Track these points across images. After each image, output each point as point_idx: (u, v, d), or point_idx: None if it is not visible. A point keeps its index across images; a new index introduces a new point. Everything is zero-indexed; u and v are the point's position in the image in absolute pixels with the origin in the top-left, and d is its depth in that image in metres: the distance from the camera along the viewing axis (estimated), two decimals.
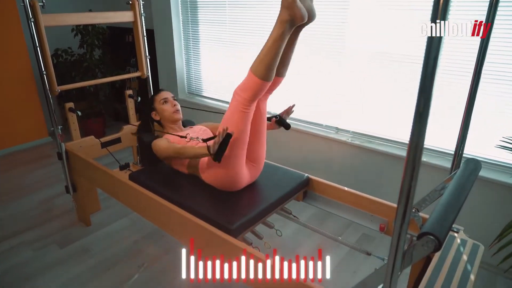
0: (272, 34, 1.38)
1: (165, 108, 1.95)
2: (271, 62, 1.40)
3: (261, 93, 1.47)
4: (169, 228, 1.73)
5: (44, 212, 2.67)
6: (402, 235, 0.86)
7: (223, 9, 3.09)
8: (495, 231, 1.74)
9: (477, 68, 1.27)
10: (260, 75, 1.41)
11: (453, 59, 2.01)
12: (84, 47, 3.89)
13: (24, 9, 1.90)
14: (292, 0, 1.32)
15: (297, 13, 1.34)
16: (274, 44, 1.37)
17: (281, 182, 1.81)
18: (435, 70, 0.70)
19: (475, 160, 1.37)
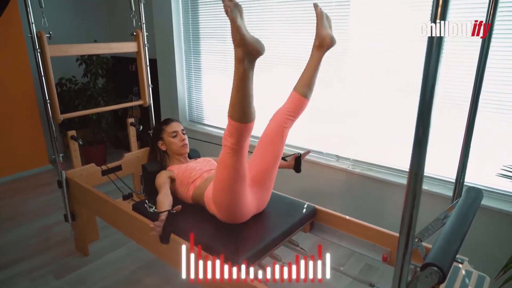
0: (235, 75, 1.32)
1: (173, 141, 1.96)
2: (243, 103, 1.32)
3: (246, 135, 1.39)
4: (173, 260, 1.66)
5: (42, 241, 2.63)
6: (405, 266, 0.85)
7: (224, 40, 3.18)
8: (500, 261, 1.71)
9: (474, 98, 1.28)
10: (237, 119, 1.33)
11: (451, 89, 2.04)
12: (88, 76, 3.96)
13: (32, 40, 1.95)
14: (240, 37, 1.26)
15: (250, 48, 1.28)
16: (240, 84, 1.31)
17: (287, 213, 1.77)
18: (433, 99, 0.71)
19: (476, 189, 1.37)
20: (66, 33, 4.12)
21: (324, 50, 1.61)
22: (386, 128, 2.36)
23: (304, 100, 1.64)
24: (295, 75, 1.70)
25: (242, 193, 1.55)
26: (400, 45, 2.18)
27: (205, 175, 1.82)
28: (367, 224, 1.66)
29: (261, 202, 1.72)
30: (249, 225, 1.66)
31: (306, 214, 1.78)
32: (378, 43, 2.26)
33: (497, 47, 1.81)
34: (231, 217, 1.62)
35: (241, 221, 1.65)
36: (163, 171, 1.89)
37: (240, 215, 1.62)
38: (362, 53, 2.34)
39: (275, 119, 1.67)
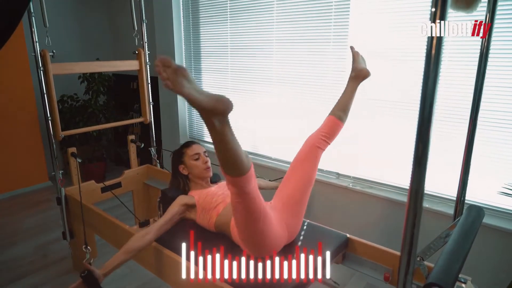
0: (212, 137, 1.17)
1: (197, 164, 1.85)
2: (233, 159, 1.19)
3: (250, 180, 1.27)
4: (172, 279, 1.60)
5: (40, 259, 2.60)
6: (407, 285, 0.83)
7: (225, 58, 3.22)
8: (504, 280, 1.68)
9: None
10: (233, 174, 1.22)
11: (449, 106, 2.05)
12: (89, 93, 4.00)
13: (35, 59, 1.98)
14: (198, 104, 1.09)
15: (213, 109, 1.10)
16: (221, 144, 1.17)
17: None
18: (432, 115, 0.72)
19: (478, 207, 1.36)
20: (69, 51, 4.19)
21: (360, 80, 1.79)
22: (386, 146, 2.36)
23: (340, 124, 1.74)
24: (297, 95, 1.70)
25: (267, 230, 1.41)
26: (400, 62, 2.20)
27: (228, 200, 1.67)
28: (368, 243, 1.64)
29: (293, 229, 1.59)
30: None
31: (340, 244, 1.65)
32: (377, 60, 2.29)
33: (496, 64, 1.83)
34: (260, 253, 1.45)
35: (271, 254, 1.46)
36: (182, 196, 1.77)
37: (269, 249, 1.46)
38: None
39: (309, 142, 1.68)
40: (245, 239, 1.46)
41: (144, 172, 2.70)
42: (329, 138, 1.69)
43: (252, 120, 3.07)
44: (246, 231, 1.42)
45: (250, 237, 1.42)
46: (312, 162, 1.61)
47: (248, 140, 3.16)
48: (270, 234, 1.42)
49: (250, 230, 1.39)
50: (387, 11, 2.18)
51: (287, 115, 2.81)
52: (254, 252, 1.45)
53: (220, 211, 1.66)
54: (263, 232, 1.40)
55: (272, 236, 1.44)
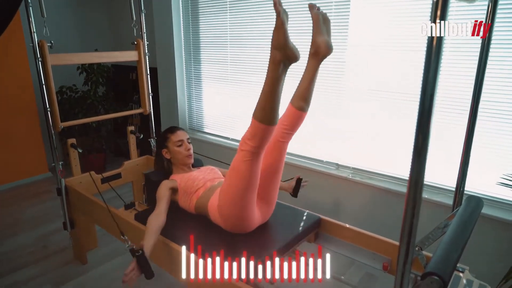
0: (267, 78, 1.32)
1: (179, 150, 1.93)
2: (272, 106, 1.34)
3: (268, 138, 1.40)
4: (172, 268, 1.64)
5: (41, 249, 2.62)
6: (405, 275, 0.84)
7: (225, 49, 3.20)
8: (501, 270, 1.70)
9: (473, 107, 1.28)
10: (263, 120, 1.35)
11: (449, 97, 2.05)
12: (88, 84, 3.98)
13: (33, 49, 1.97)
14: (283, 40, 1.25)
15: (290, 53, 1.28)
16: (271, 87, 1.31)
17: (292, 223, 1.75)
18: (432, 106, 0.71)
19: (477, 198, 1.36)
20: (68, 42, 4.16)
21: (320, 59, 1.53)
22: (386, 137, 2.36)
23: (301, 114, 1.58)
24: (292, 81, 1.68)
25: (251, 201, 1.53)
26: (401, 51, 2.19)
27: (208, 184, 1.79)
28: (367, 233, 1.65)
29: (265, 215, 1.70)
30: (253, 235, 1.63)
31: (311, 224, 1.75)
32: (377, 49, 2.28)
33: (497, 54, 1.82)
34: (237, 226, 1.60)
35: (247, 231, 1.63)
36: (165, 181, 1.85)
37: (246, 224, 1.60)
38: (361, 60, 2.36)
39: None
40: (227, 210, 1.56)
41: (144, 163, 2.70)
42: (292, 130, 1.60)
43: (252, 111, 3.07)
44: (232, 200, 1.51)
45: (233, 207, 1.53)
46: (278, 153, 1.58)
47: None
48: (250, 208, 1.54)
49: (236, 198, 1.50)
50: (389, 1, 2.17)
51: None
52: (232, 225, 1.60)
53: (200, 194, 1.76)
54: (247, 203, 1.51)
55: (251, 210, 1.56)
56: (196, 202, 1.77)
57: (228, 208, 1.55)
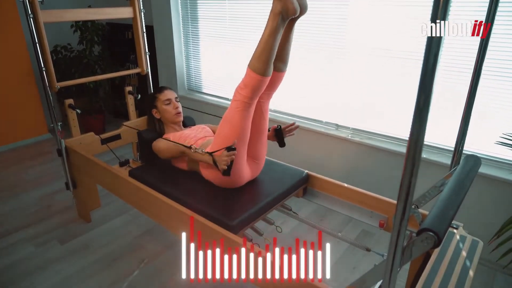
0: (266, 28, 1.38)
1: (167, 109, 1.95)
2: (268, 56, 1.40)
3: (261, 89, 1.47)
4: (169, 224, 1.73)
5: (44, 209, 2.68)
6: (401, 231, 0.87)
7: (223, 5, 3.08)
8: (494, 227, 1.75)
9: (477, 67, 1.26)
10: (258, 70, 1.41)
11: (453, 56, 2.00)
12: (83, 44, 3.88)
13: (23, 6, 1.89)
14: None
15: (290, 6, 1.34)
16: (269, 38, 1.37)
17: (281, 179, 1.81)
18: (435, 67, 0.70)
19: (475, 157, 1.37)
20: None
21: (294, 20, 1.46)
22: (386, 97, 2.34)
23: (280, 74, 1.56)
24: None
25: (241, 155, 1.58)
26: (403, 10, 2.12)
27: (199, 142, 1.82)
28: (365, 192, 1.68)
29: (254, 171, 1.76)
30: (243, 190, 1.70)
31: (299, 180, 1.81)
32: (380, 7, 2.20)
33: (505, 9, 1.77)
34: (227, 180, 1.65)
35: (237, 185, 1.69)
36: (159, 140, 1.89)
37: (236, 178, 1.65)
38: (363, 19, 2.28)
39: None
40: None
41: (143, 124, 2.69)
42: (271, 90, 1.60)
43: None
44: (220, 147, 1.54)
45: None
46: (259, 113, 1.61)
47: None
48: (240, 160, 1.59)
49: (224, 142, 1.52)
50: None
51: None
52: (221, 180, 1.65)
53: None
54: (236, 156, 1.53)
55: (241, 163, 1.61)
56: (188, 158, 1.80)
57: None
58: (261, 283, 1.25)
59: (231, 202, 1.62)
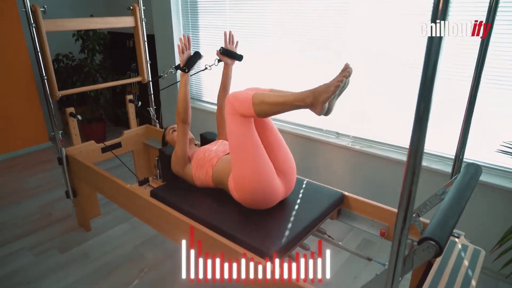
0: (289, 98, 1.35)
1: (174, 136, 2.01)
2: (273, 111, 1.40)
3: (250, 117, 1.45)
4: (173, 235, 1.66)
5: (45, 217, 2.67)
6: (402, 240, 0.86)
7: (224, 14, 3.11)
8: (496, 236, 1.74)
9: (477, 70, 1.26)
10: (257, 112, 1.40)
11: (453, 63, 2.01)
12: (85, 52, 3.91)
13: (26, 15, 1.91)
14: (324, 98, 1.29)
15: (318, 109, 1.31)
16: (285, 106, 1.36)
17: (316, 200, 1.67)
18: (435, 75, 0.70)
19: (476, 165, 1.37)
20: (61, 7, 4.04)
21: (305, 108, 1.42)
22: (386, 105, 2.35)
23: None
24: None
25: (262, 165, 1.48)
26: (403, 17, 2.13)
27: (221, 154, 1.73)
28: (365, 200, 1.68)
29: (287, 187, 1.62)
30: (276, 212, 1.56)
31: (335, 201, 1.68)
32: (379, 15, 2.22)
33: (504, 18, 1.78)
34: (258, 198, 1.52)
35: (269, 204, 1.57)
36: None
37: (268, 192, 1.52)
38: (362, 27, 2.30)
39: None
40: (241, 178, 1.51)
41: (144, 132, 2.70)
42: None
43: (250, 78, 3.03)
44: (242, 165, 1.49)
45: (245, 172, 1.49)
46: (266, 128, 1.59)
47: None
48: (264, 172, 1.49)
49: (245, 162, 1.48)
50: None
51: (287, 71, 2.77)
52: (250, 197, 1.52)
53: (214, 163, 1.70)
54: (259, 166, 1.47)
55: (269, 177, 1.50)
56: (212, 173, 1.69)
57: (241, 176, 1.51)
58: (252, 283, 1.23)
59: (265, 226, 1.47)
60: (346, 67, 1.30)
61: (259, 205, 1.56)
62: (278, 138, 1.61)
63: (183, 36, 1.80)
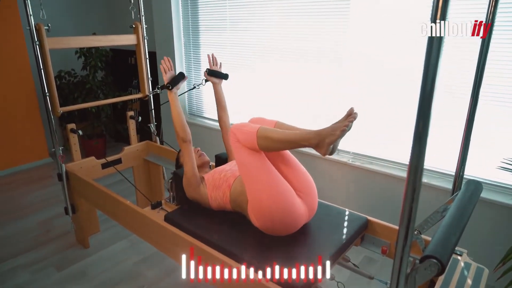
0: (295, 137, 1.38)
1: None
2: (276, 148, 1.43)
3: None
4: (173, 253, 1.62)
5: (43, 234, 2.64)
6: (404, 258, 0.85)
7: (224, 32, 3.15)
8: (499, 253, 1.71)
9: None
10: (261, 147, 1.41)
11: (451, 81, 2.03)
12: (87, 69, 3.95)
13: (30, 33, 1.94)
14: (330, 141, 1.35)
15: (323, 151, 1.35)
16: (290, 144, 1.40)
17: (339, 225, 1.59)
18: (433, 92, 0.71)
19: (476, 182, 1.37)
20: (65, 25, 4.10)
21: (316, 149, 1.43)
22: (386, 122, 2.36)
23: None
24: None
25: (277, 187, 1.43)
26: (402, 35, 2.16)
27: (237, 174, 1.65)
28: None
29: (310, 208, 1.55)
30: (299, 239, 1.47)
31: (360, 227, 1.59)
32: (378, 32, 2.25)
33: (499, 39, 1.80)
34: (275, 222, 1.45)
35: (290, 229, 1.49)
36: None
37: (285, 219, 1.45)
38: (362, 47, 2.33)
39: None
40: (257, 203, 1.45)
41: (144, 148, 2.70)
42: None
43: (251, 96, 3.05)
44: (257, 190, 1.44)
45: (261, 196, 1.43)
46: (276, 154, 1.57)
47: (247, 115, 3.15)
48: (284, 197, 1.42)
49: (259, 186, 1.43)
50: None
51: (287, 90, 2.79)
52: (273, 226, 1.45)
53: (231, 183, 1.62)
54: (274, 188, 1.42)
55: (289, 199, 1.44)
56: (230, 194, 1.61)
57: (257, 200, 1.45)
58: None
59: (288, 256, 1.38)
60: (351, 112, 1.35)
61: (281, 230, 1.48)
62: (292, 158, 1.58)
63: (165, 58, 1.91)
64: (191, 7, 3.36)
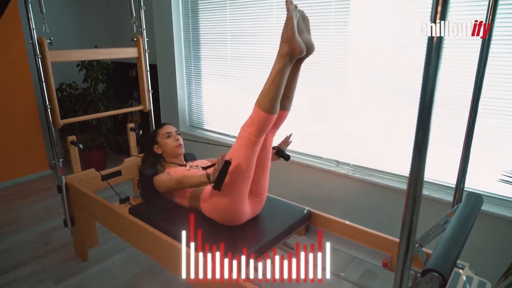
0: (274, 68, 1.43)
1: (168, 142, 1.99)
2: (275, 95, 1.44)
3: (267, 126, 1.49)
4: (170, 264, 1.66)
5: (42, 246, 2.62)
6: (405, 271, 0.84)
7: (225, 45, 3.19)
8: (501, 266, 1.70)
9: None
10: (264, 108, 1.45)
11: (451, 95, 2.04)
12: (88, 81, 3.97)
13: (32, 46, 1.96)
14: (291, 34, 1.38)
15: (296, 46, 1.40)
16: (276, 77, 1.43)
17: (283, 216, 1.80)
18: (432, 103, 0.71)
19: (477, 194, 1.36)
20: (67, 38, 4.15)
21: (295, 59, 1.46)
22: (386, 134, 2.36)
23: (284, 113, 1.60)
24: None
25: (243, 190, 1.59)
26: (401, 49, 2.18)
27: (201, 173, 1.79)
28: (367, 230, 1.66)
29: (255, 209, 1.75)
30: (245, 227, 1.69)
31: (301, 218, 1.80)
32: (378, 47, 2.27)
33: (497, 51, 1.82)
34: (228, 218, 1.65)
35: (238, 222, 1.68)
36: (159, 174, 1.91)
37: (237, 216, 1.64)
38: (362, 58, 2.35)
39: None
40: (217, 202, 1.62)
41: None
42: (276, 127, 1.65)
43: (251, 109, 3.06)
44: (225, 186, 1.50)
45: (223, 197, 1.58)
46: (264, 150, 1.63)
47: None
48: (240, 198, 1.59)
49: (229, 186, 1.53)
50: None
51: None
52: (222, 217, 1.65)
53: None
54: (238, 191, 1.56)
55: (241, 202, 1.60)
56: (190, 194, 1.80)
57: (220, 198, 1.60)
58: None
59: (233, 240, 1.60)
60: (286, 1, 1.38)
61: (228, 222, 1.67)
62: (268, 164, 1.68)
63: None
64: (192, 20, 3.40)
